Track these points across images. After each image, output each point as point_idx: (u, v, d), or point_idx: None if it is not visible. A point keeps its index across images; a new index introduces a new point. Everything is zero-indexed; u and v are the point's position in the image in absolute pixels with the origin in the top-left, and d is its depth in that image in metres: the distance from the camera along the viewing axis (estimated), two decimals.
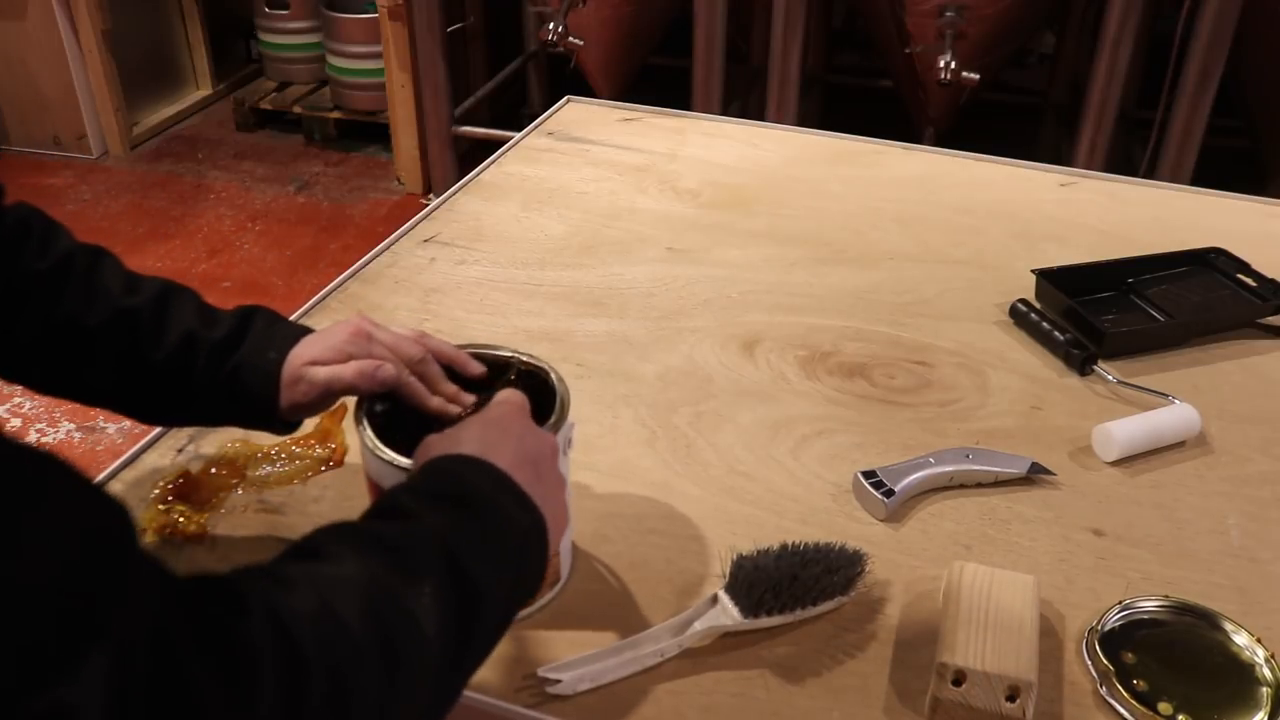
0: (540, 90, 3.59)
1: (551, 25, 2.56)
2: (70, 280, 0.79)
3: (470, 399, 0.80)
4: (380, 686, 0.51)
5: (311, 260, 2.99)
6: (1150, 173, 2.51)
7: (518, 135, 1.57)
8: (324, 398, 0.79)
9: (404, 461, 0.71)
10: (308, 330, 0.82)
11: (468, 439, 0.66)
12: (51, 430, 2.42)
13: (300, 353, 0.79)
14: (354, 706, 0.50)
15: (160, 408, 0.84)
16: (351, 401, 0.79)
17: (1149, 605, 0.80)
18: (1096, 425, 0.97)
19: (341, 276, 1.22)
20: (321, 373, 0.78)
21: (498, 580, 0.59)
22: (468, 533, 0.59)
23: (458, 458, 0.64)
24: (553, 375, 0.79)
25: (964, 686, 0.70)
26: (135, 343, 0.79)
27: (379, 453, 0.72)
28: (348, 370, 0.77)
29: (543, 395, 0.77)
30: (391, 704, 0.52)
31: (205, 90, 3.90)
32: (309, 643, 0.49)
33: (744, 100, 3.23)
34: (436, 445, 0.67)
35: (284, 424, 0.81)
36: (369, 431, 0.74)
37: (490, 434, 0.67)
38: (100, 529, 0.44)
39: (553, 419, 0.75)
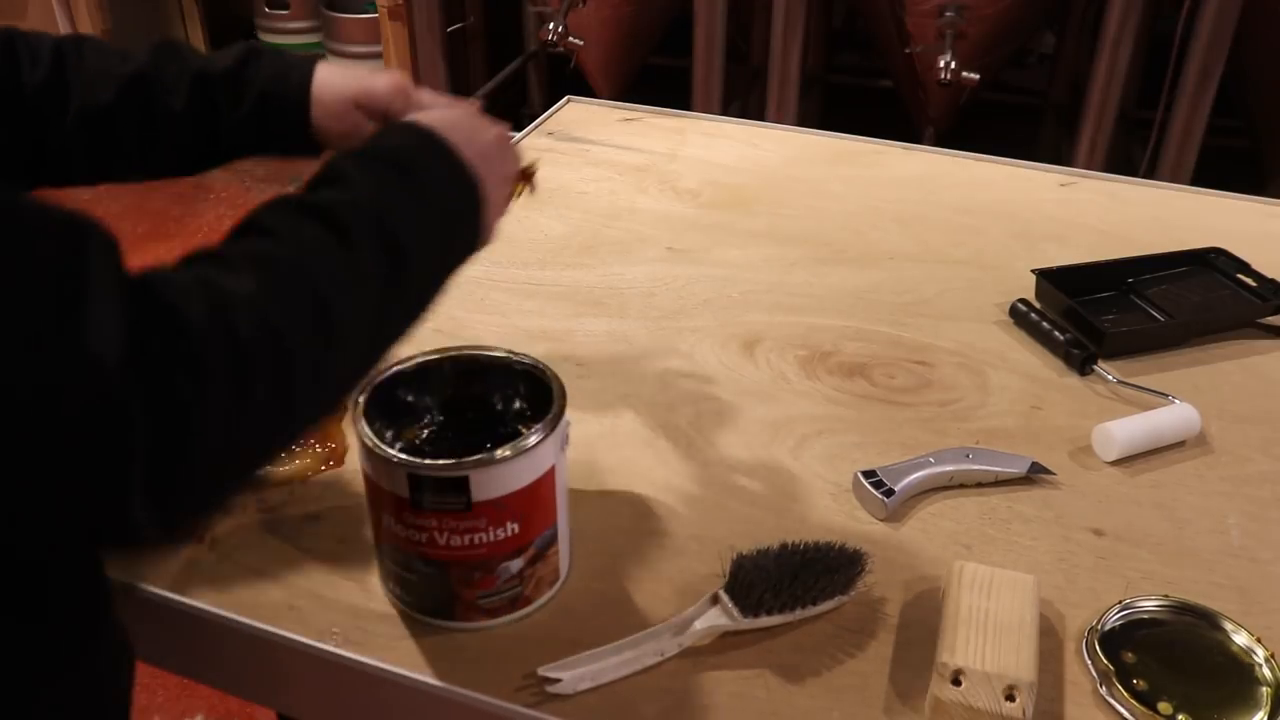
0: (540, 90, 3.59)
1: (551, 25, 2.56)
2: (69, 75, 0.82)
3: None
4: (317, 352, 0.57)
5: None
6: (1150, 173, 2.51)
7: (518, 135, 1.57)
8: (352, 109, 0.84)
9: (401, 457, 0.71)
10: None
11: (429, 117, 0.72)
12: None
13: (322, 72, 0.85)
14: (296, 374, 0.55)
15: (194, 155, 0.87)
16: (352, 402, 0.79)
17: (1149, 605, 0.80)
18: (1096, 425, 0.97)
19: None
20: (351, 83, 0.84)
21: (429, 245, 0.65)
22: (402, 199, 0.64)
23: (408, 126, 0.70)
24: (549, 373, 0.79)
25: (963, 686, 0.70)
26: (149, 101, 0.82)
27: (377, 449, 0.72)
28: (380, 81, 0.84)
29: (539, 394, 0.77)
30: (328, 367, 0.58)
31: None
32: (247, 324, 0.53)
33: (744, 100, 3.23)
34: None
35: (312, 145, 0.86)
36: (366, 428, 0.74)
37: (450, 115, 0.74)
38: (69, 226, 0.50)
39: (549, 416, 0.74)
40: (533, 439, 0.72)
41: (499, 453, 0.71)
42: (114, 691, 0.74)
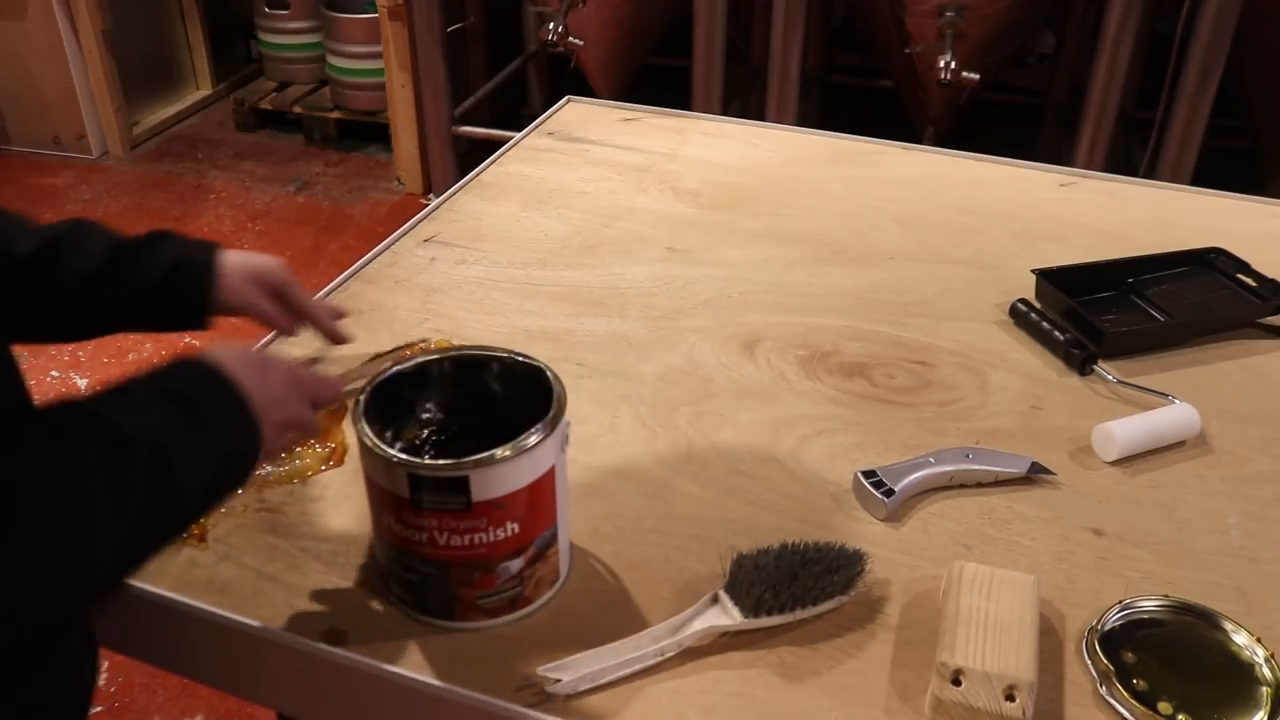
0: (540, 90, 3.60)
1: (551, 25, 2.56)
2: None
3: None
4: (67, 553, 0.59)
5: (312, 260, 2.99)
6: (1150, 173, 2.51)
7: (518, 135, 1.57)
8: (250, 281, 0.93)
9: (401, 457, 0.71)
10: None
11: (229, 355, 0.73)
12: None
13: (226, 252, 0.94)
14: (37, 567, 0.58)
15: (90, 317, 0.91)
16: (352, 402, 0.79)
17: (1149, 605, 0.80)
18: (1096, 425, 0.97)
19: (341, 276, 1.22)
20: (250, 259, 0.94)
21: (201, 483, 0.68)
22: (186, 438, 0.66)
23: (204, 364, 0.71)
24: (549, 373, 0.79)
25: (964, 686, 0.70)
26: (59, 259, 0.87)
27: (377, 449, 0.72)
28: (267, 260, 0.95)
29: (539, 394, 0.77)
30: (74, 571, 0.60)
31: (205, 90, 3.90)
32: (23, 513, 0.57)
33: (744, 100, 3.23)
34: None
35: (201, 319, 0.93)
36: (366, 428, 0.74)
37: (247, 356, 0.75)
38: None
39: (549, 416, 0.75)
40: (533, 439, 0.72)
41: (499, 453, 0.71)
42: (80, 686, 0.76)
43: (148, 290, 0.90)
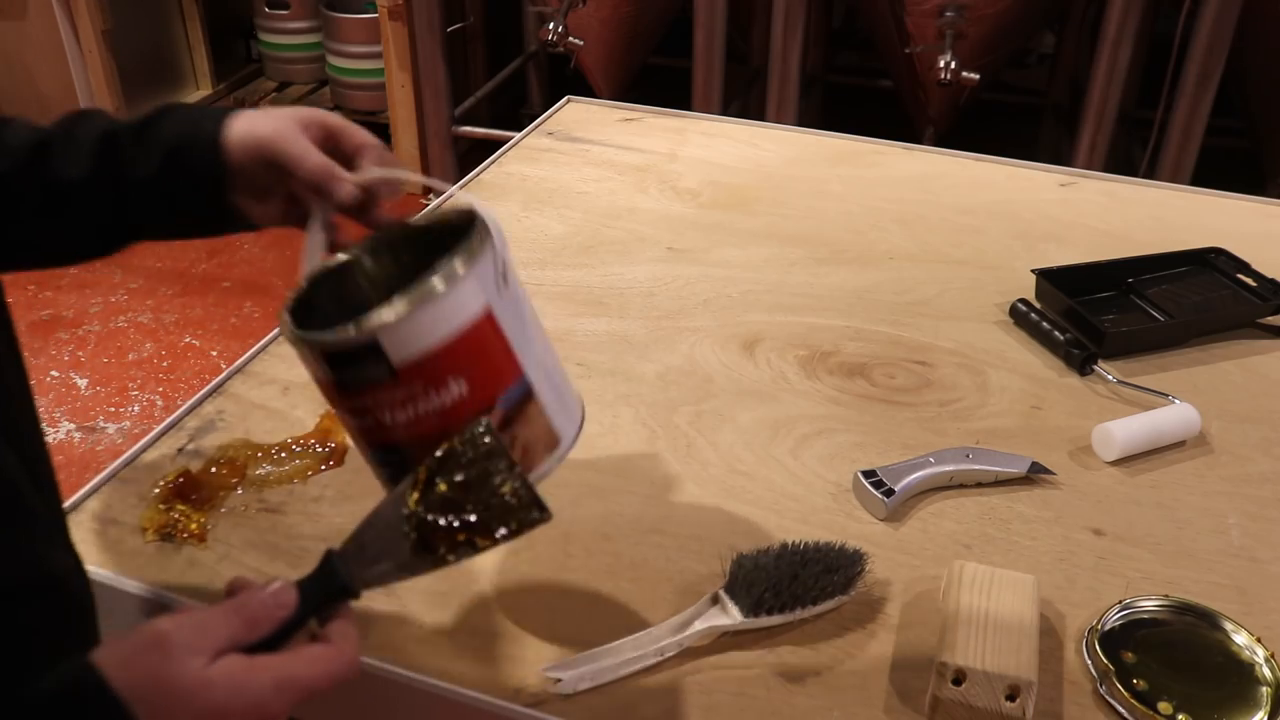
0: (540, 90, 3.60)
1: (551, 25, 2.56)
2: None
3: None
4: None
5: None
6: (1150, 173, 2.51)
7: (518, 135, 1.57)
8: (266, 162, 0.73)
9: (303, 333, 0.62)
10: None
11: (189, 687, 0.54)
12: (52, 430, 2.42)
13: (240, 117, 0.74)
14: None
15: (98, 229, 0.77)
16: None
17: (1149, 605, 0.80)
18: (1096, 425, 0.97)
19: None
20: (274, 118, 0.73)
21: None
22: None
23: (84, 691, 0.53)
24: (476, 214, 0.67)
25: (964, 686, 0.70)
26: (49, 170, 0.73)
27: (293, 335, 0.63)
28: (324, 117, 0.75)
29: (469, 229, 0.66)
30: None
31: (205, 90, 3.90)
32: None
33: (744, 100, 3.23)
34: (162, 655, 0.54)
35: (229, 214, 0.76)
36: (286, 318, 0.65)
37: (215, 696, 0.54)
38: None
39: (462, 251, 0.63)
40: (438, 281, 0.61)
41: (397, 304, 0.60)
42: (73, 604, 0.69)
43: (145, 187, 0.74)
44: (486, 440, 0.61)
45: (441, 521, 0.59)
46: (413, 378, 0.61)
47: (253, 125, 0.73)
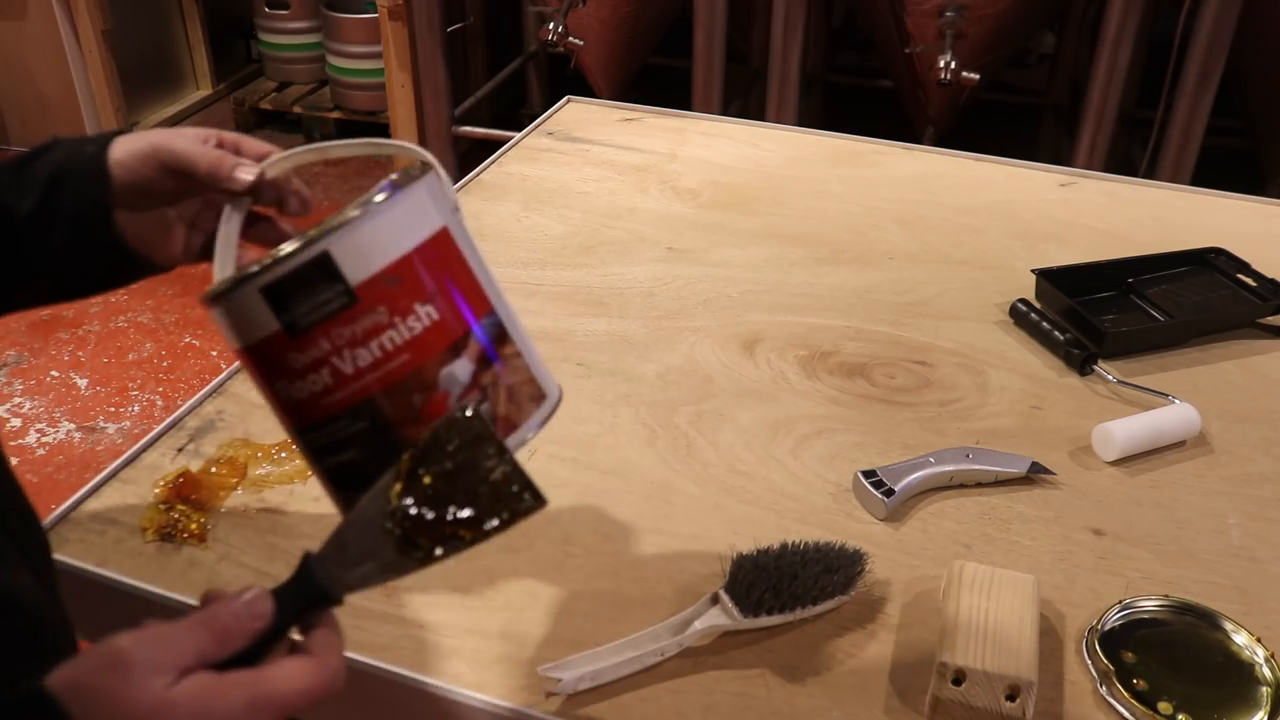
0: (540, 90, 3.59)
1: (551, 25, 2.56)
2: None
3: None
4: None
5: None
6: (1150, 173, 2.51)
7: (518, 135, 1.57)
8: (160, 167, 0.68)
9: (244, 268, 0.56)
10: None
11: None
12: (52, 430, 2.42)
13: (128, 137, 0.69)
14: None
15: None
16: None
17: (1149, 605, 0.80)
18: (1096, 425, 0.97)
19: None
20: (152, 135, 0.67)
21: None
22: None
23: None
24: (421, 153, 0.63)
25: (964, 686, 0.70)
26: None
27: (220, 287, 0.57)
28: (185, 133, 0.68)
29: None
30: None
31: (205, 90, 3.90)
32: None
33: (744, 100, 3.23)
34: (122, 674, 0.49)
35: (120, 249, 0.69)
36: (219, 290, 0.57)
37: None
38: None
39: (407, 169, 0.59)
40: (388, 187, 0.57)
41: (347, 211, 0.55)
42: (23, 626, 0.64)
43: (27, 223, 0.67)
44: (474, 424, 0.55)
45: (428, 515, 0.54)
46: (375, 300, 0.55)
47: (142, 136, 0.69)
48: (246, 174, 0.68)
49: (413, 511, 0.54)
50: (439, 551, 0.54)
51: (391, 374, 0.56)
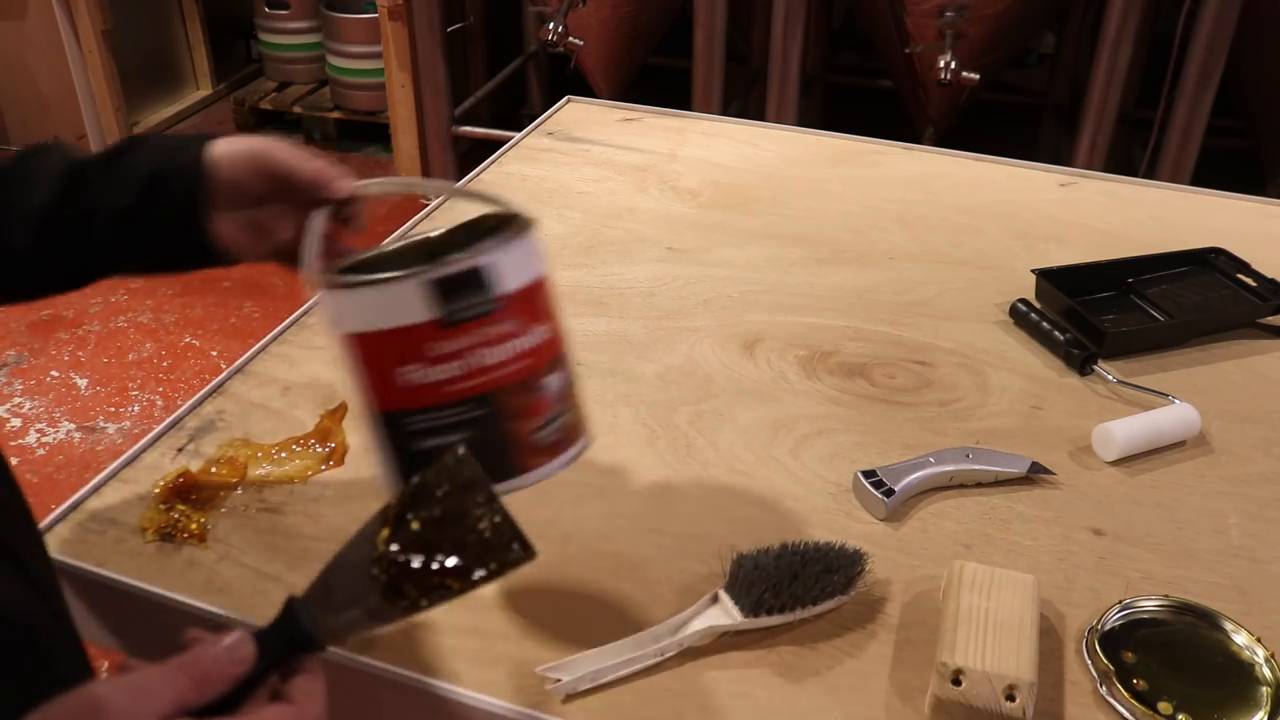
0: (540, 90, 3.60)
1: (551, 25, 2.56)
2: None
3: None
4: None
5: None
6: (1150, 173, 2.51)
7: (518, 135, 1.57)
8: (258, 172, 0.73)
9: (416, 267, 0.63)
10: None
11: None
12: (52, 430, 2.42)
13: (223, 141, 0.74)
14: None
15: (60, 262, 0.75)
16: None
17: (1149, 605, 0.80)
18: (1096, 425, 0.97)
19: None
20: (253, 142, 0.72)
21: None
22: None
23: None
24: (512, 208, 0.70)
25: (964, 685, 0.70)
26: (6, 200, 0.71)
27: (382, 280, 0.63)
28: (282, 144, 0.73)
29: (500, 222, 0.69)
30: None
31: (205, 90, 3.90)
32: None
33: (744, 100, 3.23)
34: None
35: (206, 247, 0.74)
36: (374, 273, 0.64)
37: None
38: None
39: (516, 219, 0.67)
40: (523, 223, 0.66)
41: (499, 235, 0.65)
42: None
43: (120, 219, 0.72)
44: (464, 470, 0.56)
45: (415, 563, 0.54)
46: (511, 312, 0.65)
47: (239, 141, 0.74)
48: (347, 185, 0.74)
49: (399, 559, 0.54)
50: (424, 602, 0.54)
51: (511, 374, 0.65)
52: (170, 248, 0.76)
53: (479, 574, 0.54)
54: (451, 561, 0.54)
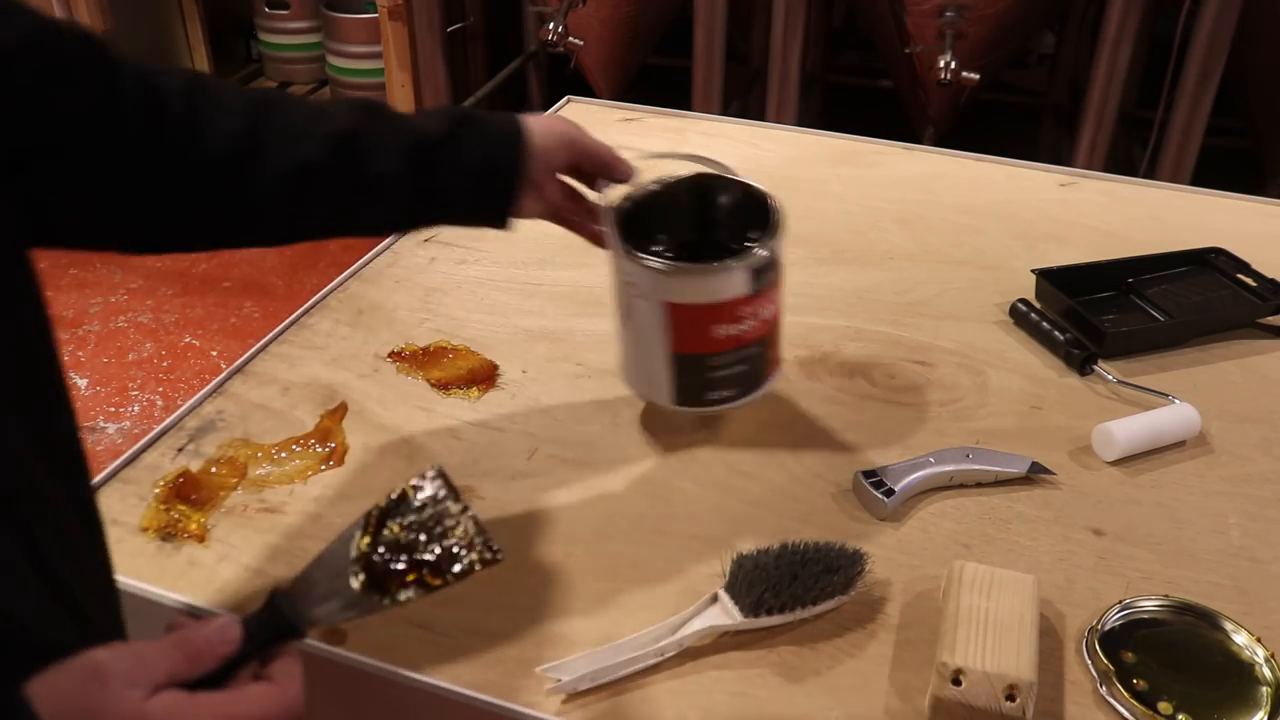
0: (540, 90, 3.59)
1: (551, 25, 2.56)
2: (262, 133, 0.74)
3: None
4: None
5: (311, 260, 2.99)
6: (1150, 173, 2.51)
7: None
8: (567, 153, 0.87)
9: (753, 253, 0.83)
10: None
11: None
12: None
13: (536, 122, 0.86)
14: None
15: (397, 220, 0.88)
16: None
17: (1149, 605, 0.80)
18: (1096, 425, 0.97)
19: (342, 276, 1.22)
20: (569, 129, 0.87)
21: None
22: None
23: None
24: (770, 197, 0.90)
25: (964, 686, 0.70)
26: (360, 162, 0.78)
27: (721, 267, 0.83)
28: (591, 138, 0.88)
29: (757, 212, 0.89)
30: None
31: None
32: None
33: (744, 100, 3.23)
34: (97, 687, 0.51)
35: (507, 218, 0.86)
36: (711, 263, 0.84)
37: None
38: None
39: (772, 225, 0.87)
40: (781, 217, 0.88)
41: (773, 231, 0.86)
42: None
43: (455, 195, 0.83)
44: (438, 484, 0.61)
45: (393, 565, 0.59)
46: (776, 282, 0.88)
47: (550, 122, 0.87)
48: (633, 166, 0.92)
49: (375, 558, 0.59)
50: (401, 595, 0.58)
51: (771, 324, 0.89)
52: (477, 222, 0.87)
53: (451, 572, 0.59)
54: (425, 557, 0.59)
